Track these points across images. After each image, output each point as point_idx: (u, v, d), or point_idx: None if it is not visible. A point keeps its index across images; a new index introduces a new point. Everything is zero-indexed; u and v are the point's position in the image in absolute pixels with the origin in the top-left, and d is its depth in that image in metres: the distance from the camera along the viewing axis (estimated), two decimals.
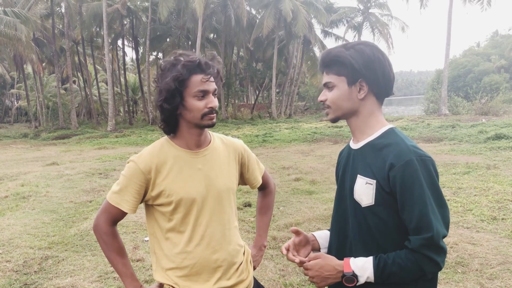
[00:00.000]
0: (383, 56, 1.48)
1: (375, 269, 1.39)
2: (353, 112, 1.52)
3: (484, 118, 22.07)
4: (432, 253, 1.34)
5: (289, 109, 40.20)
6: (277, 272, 4.23)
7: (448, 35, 28.30)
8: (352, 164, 1.56)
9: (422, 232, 1.34)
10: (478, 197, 6.63)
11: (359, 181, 1.48)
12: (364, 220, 1.47)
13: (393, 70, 1.52)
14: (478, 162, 9.69)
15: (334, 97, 1.51)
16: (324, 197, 7.20)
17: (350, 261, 1.45)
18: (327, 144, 16.36)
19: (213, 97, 1.67)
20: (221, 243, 1.76)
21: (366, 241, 1.48)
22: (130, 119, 37.12)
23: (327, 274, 1.46)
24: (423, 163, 1.37)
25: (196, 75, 1.62)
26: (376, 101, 1.52)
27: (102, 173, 10.83)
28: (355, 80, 1.47)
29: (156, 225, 1.76)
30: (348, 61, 1.46)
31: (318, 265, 1.48)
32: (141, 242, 5.22)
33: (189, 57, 1.64)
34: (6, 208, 7.24)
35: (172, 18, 35.27)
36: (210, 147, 1.79)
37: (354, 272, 1.42)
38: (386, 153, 1.42)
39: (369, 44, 1.50)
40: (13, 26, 24.27)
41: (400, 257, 1.37)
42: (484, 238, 4.88)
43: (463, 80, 49.52)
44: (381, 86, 1.49)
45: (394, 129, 1.51)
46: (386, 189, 1.40)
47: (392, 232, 1.43)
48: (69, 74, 32.77)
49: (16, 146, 21.49)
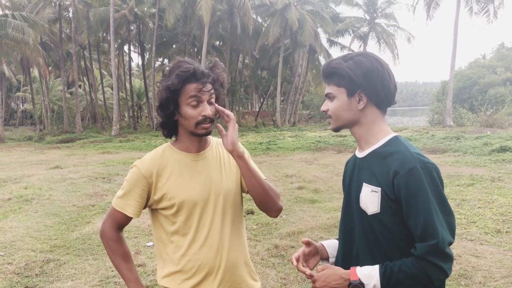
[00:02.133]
0: (382, 67, 1.49)
1: (381, 277, 1.38)
2: (354, 122, 1.55)
3: (489, 130, 21.99)
4: (438, 260, 1.34)
5: (293, 117, 40.23)
6: (279, 281, 4.20)
7: (454, 47, 28.32)
8: (358, 173, 1.57)
9: (428, 239, 1.34)
10: (482, 210, 6.58)
11: (365, 189, 1.49)
12: (370, 228, 1.47)
13: (395, 79, 1.53)
14: (483, 174, 9.64)
15: (334, 107, 1.54)
16: (327, 206, 7.18)
17: (356, 269, 1.44)
18: (331, 153, 16.33)
19: (207, 106, 1.66)
20: (225, 244, 1.76)
21: (373, 249, 1.48)
22: (135, 124, 37.24)
23: (335, 283, 1.45)
24: (427, 170, 1.37)
25: (189, 84, 1.63)
26: (378, 110, 1.53)
27: (105, 177, 10.84)
28: (354, 92, 1.49)
29: (162, 229, 1.77)
30: (346, 73, 1.48)
31: (325, 275, 1.47)
32: (143, 247, 5.21)
33: (185, 66, 1.64)
34: (9, 211, 7.25)
35: (179, 25, 35.47)
36: (210, 150, 1.81)
37: (360, 280, 1.41)
38: (390, 161, 1.43)
39: (368, 55, 1.51)
40: (21, 29, 24.47)
41: (406, 264, 1.37)
42: (488, 251, 4.84)
43: (469, 92, 49.45)
44: (381, 97, 1.50)
45: (399, 137, 1.52)
46: (391, 197, 1.40)
47: (398, 240, 1.43)
48: (75, 78, 32.97)
49: (21, 149, 21.58)
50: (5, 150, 20.83)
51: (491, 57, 67.48)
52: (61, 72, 33.86)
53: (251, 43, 35.41)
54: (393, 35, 37.63)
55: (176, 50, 37.59)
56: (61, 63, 33.40)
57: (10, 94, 53.17)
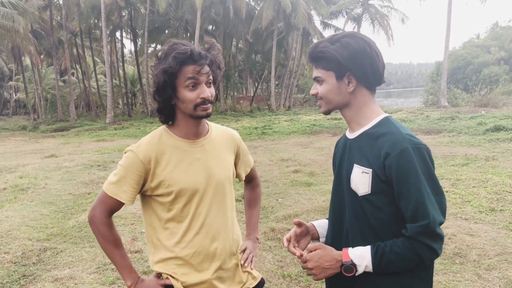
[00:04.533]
0: (370, 47, 1.47)
1: (373, 257, 1.39)
2: (345, 105, 1.53)
3: (483, 110, 22.04)
4: (429, 240, 1.34)
5: (288, 101, 40.11)
6: (276, 263, 4.23)
7: (448, 27, 28.18)
8: (349, 154, 1.56)
9: (419, 220, 1.34)
10: (477, 189, 6.63)
11: (356, 170, 1.48)
12: (361, 209, 1.48)
13: (383, 58, 1.51)
14: (477, 153, 9.69)
15: (324, 91, 1.52)
16: (323, 189, 7.20)
17: (348, 250, 1.45)
18: (326, 136, 16.35)
19: (205, 87, 1.64)
20: (220, 232, 1.76)
21: (363, 230, 1.48)
22: (129, 111, 37.06)
23: (327, 265, 1.46)
24: (419, 151, 1.37)
25: (187, 66, 1.59)
26: (367, 91, 1.52)
27: (100, 165, 10.83)
28: (342, 75, 1.48)
29: (154, 215, 1.75)
30: (334, 56, 1.46)
31: (318, 255, 1.47)
32: (139, 234, 5.22)
33: (181, 47, 1.60)
34: (5, 200, 7.24)
35: (171, 10, 35.09)
36: (208, 137, 1.79)
37: (352, 261, 1.42)
38: (381, 142, 1.42)
39: (355, 35, 1.49)
40: (10, 17, 24.15)
41: (397, 245, 1.37)
42: (482, 229, 4.89)
43: (463, 72, 49.39)
44: (370, 78, 1.49)
45: (389, 118, 1.51)
46: (382, 178, 1.40)
47: (389, 221, 1.43)
48: (68, 66, 32.66)
49: (15, 139, 21.46)
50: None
51: (485, 37, 67.32)
52: (53, 60, 33.48)
53: (244, 27, 35.09)
54: (387, 16, 37.30)
55: (168, 36, 37.14)
56: (53, 51, 33.00)
57: (2, 84, 52.70)
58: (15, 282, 3.98)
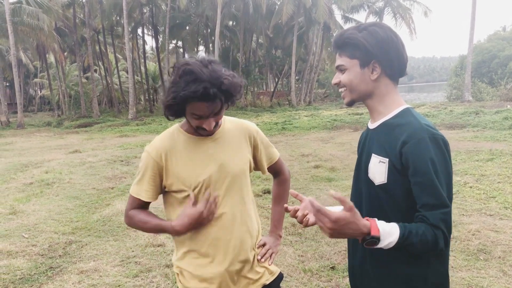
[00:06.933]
0: (396, 37, 1.48)
1: (400, 236, 1.33)
2: (368, 94, 1.53)
3: (510, 104, 21.52)
4: (446, 230, 1.35)
5: (309, 96, 39.90)
6: (296, 258, 4.24)
7: (472, 19, 27.56)
8: (368, 144, 1.58)
9: (439, 207, 1.34)
10: (502, 184, 6.50)
11: (373, 159, 1.50)
12: (377, 198, 1.48)
13: (406, 51, 1.52)
14: (502, 149, 9.49)
15: (347, 79, 1.52)
16: (344, 184, 7.16)
17: (378, 224, 1.34)
18: (347, 131, 16.23)
19: (211, 120, 1.64)
20: (234, 224, 1.77)
21: (379, 219, 1.46)
22: (151, 107, 37.45)
23: (350, 231, 1.32)
24: (435, 141, 1.37)
25: (197, 103, 1.57)
26: (390, 81, 1.52)
27: (123, 160, 10.99)
28: (368, 62, 1.48)
29: (172, 210, 1.80)
30: (361, 43, 1.46)
31: (346, 220, 1.30)
32: None
33: (193, 85, 1.52)
34: (32, 194, 7.42)
35: (192, 6, 35.23)
36: (220, 131, 1.80)
37: (380, 236, 1.33)
38: (399, 132, 1.43)
39: (382, 25, 1.50)
40: (35, 16, 24.66)
41: (421, 229, 1.34)
42: (507, 226, 4.80)
43: (488, 65, 48.18)
44: (395, 67, 1.50)
45: (410, 109, 1.51)
46: (398, 167, 1.40)
47: (404, 211, 1.43)
48: (90, 63, 33.13)
49: (40, 134, 21.93)
50: (25, 136, 21.20)
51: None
52: (77, 57, 34.09)
53: (264, 22, 35.04)
54: (409, 9, 36.72)
55: (189, 32, 37.45)
56: (76, 48, 33.60)
57: (27, 81, 53.83)
58: (42, 274, 4.09)
